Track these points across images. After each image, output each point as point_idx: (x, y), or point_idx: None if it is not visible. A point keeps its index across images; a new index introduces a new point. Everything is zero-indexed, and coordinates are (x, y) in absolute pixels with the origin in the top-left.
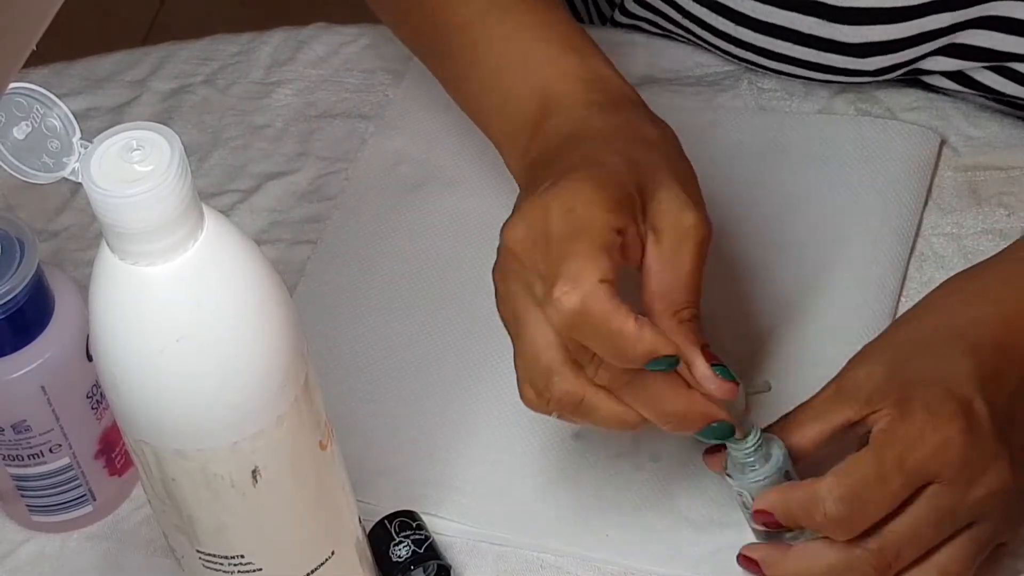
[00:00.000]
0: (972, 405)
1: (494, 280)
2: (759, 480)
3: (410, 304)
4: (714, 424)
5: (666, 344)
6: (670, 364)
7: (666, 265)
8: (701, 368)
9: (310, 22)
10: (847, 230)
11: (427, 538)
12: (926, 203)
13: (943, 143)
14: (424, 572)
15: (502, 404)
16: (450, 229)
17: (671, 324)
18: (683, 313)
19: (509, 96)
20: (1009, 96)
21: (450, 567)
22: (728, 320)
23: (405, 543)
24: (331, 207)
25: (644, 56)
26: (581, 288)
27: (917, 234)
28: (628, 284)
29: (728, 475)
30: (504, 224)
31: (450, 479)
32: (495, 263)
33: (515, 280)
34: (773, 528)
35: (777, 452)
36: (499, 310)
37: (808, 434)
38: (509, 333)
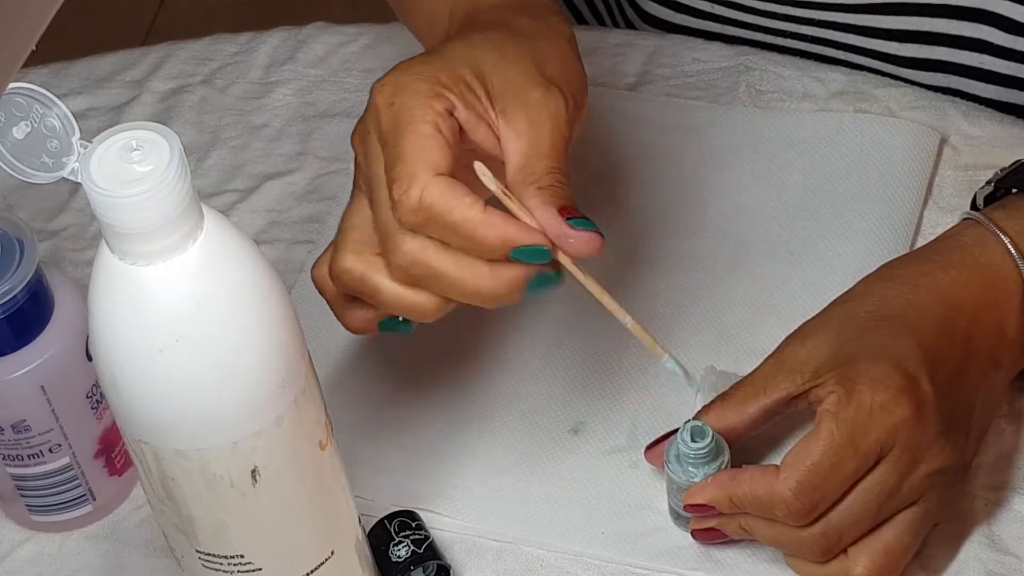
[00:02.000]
0: (919, 383)
1: None
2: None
3: None
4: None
5: (524, 232)
6: (537, 254)
7: (520, 140)
8: (555, 226)
9: (309, 22)
10: (846, 228)
11: (427, 538)
12: (926, 202)
13: (943, 142)
14: (424, 572)
15: (500, 401)
16: None
17: (530, 193)
18: (543, 180)
19: (433, 18)
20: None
21: (449, 567)
22: (725, 318)
23: (405, 543)
24: (330, 207)
25: (642, 56)
26: (418, 185)
27: (917, 232)
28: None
29: (670, 469)
30: None
31: (448, 476)
32: None
33: (356, 174)
34: (709, 515)
35: (723, 457)
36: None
37: (748, 410)
38: None
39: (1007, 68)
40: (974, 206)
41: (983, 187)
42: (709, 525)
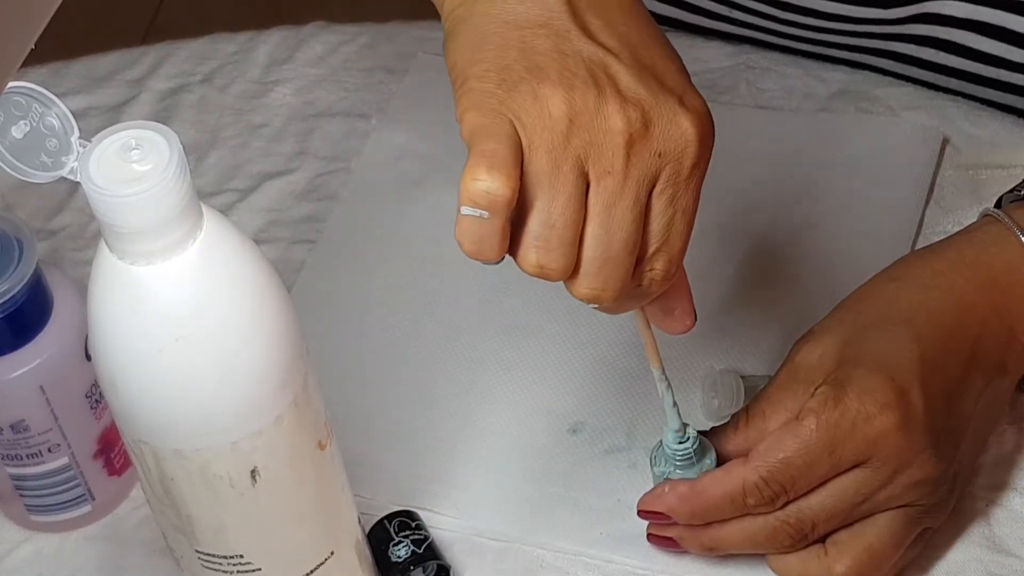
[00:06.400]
0: (909, 396)
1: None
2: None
3: (410, 300)
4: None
5: None
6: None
7: None
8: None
9: (309, 21)
10: (848, 229)
11: (426, 538)
12: (927, 201)
13: (945, 141)
14: (423, 572)
15: (501, 400)
16: (451, 225)
17: None
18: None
19: None
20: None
21: (449, 567)
22: (725, 317)
23: (404, 543)
24: (330, 206)
25: None
26: None
27: (918, 232)
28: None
29: (653, 465)
30: None
31: (448, 475)
32: None
33: None
34: (666, 523)
35: (708, 458)
36: None
37: (770, 426)
38: None
39: (1009, 52)
40: (998, 207)
41: (1010, 192)
42: (668, 535)
